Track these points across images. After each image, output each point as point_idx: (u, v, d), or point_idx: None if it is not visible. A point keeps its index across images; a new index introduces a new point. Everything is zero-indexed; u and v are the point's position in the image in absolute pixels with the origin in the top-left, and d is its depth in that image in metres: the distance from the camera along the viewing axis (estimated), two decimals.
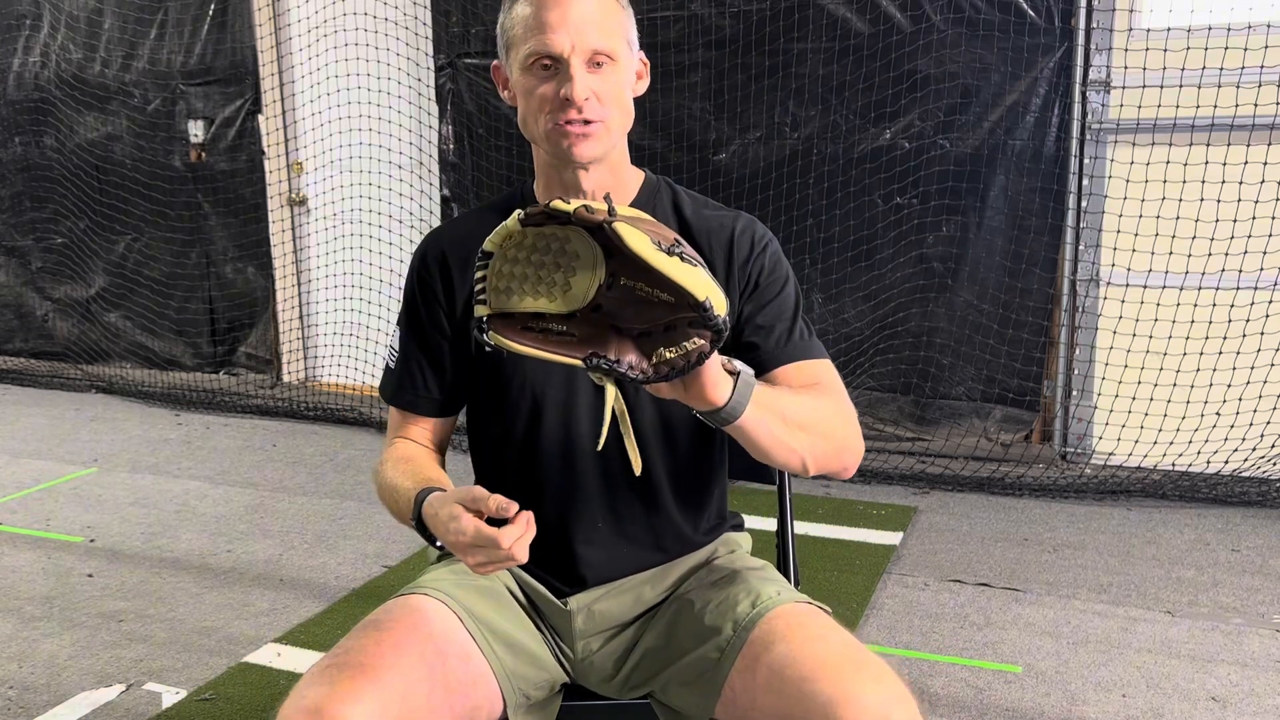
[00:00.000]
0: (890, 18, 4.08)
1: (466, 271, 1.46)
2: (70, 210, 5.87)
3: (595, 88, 1.34)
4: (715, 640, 1.35)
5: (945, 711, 2.40)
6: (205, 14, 5.35)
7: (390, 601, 1.40)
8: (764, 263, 1.44)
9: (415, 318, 1.50)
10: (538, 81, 1.36)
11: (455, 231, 1.51)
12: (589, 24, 1.33)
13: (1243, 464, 3.79)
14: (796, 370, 1.40)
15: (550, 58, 1.34)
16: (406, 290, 1.52)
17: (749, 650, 1.30)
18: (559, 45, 1.32)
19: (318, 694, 1.19)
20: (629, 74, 1.40)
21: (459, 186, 4.96)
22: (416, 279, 1.50)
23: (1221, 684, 2.51)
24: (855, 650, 1.24)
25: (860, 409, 4.36)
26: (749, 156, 4.38)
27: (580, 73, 1.33)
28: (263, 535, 3.55)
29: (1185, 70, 3.68)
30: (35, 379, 5.84)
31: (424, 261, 1.50)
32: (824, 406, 1.35)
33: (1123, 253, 3.88)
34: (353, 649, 1.26)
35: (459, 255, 1.47)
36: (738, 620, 1.34)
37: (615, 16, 1.37)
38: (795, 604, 1.36)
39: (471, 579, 1.45)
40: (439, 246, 1.50)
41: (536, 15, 1.34)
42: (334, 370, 5.39)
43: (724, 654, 1.33)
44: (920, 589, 3.06)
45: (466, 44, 4.82)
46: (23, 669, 2.67)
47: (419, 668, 1.27)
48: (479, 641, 1.36)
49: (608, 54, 1.35)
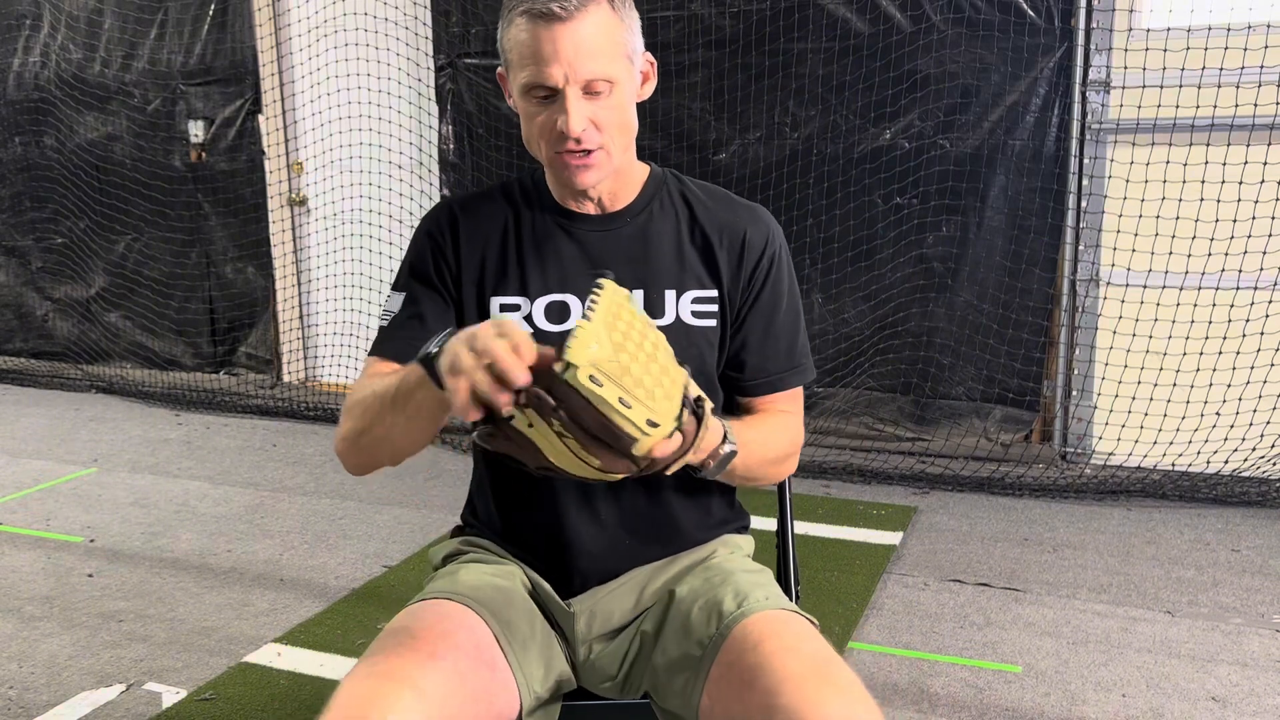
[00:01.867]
0: (890, 18, 4.08)
1: (474, 246, 1.46)
2: (70, 210, 5.87)
3: (593, 115, 1.33)
4: (699, 635, 1.35)
5: (945, 711, 2.40)
6: (205, 14, 5.35)
7: (416, 606, 1.37)
8: (768, 271, 1.47)
9: (423, 274, 1.46)
10: (536, 109, 1.35)
11: (470, 206, 1.50)
12: (584, 52, 1.30)
13: (1243, 464, 3.79)
14: (772, 399, 1.51)
15: (545, 89, 1.32)
16: (415, 249, 1.49)
17: (725, 653, 1.30)
18: (554, 78, 1.30)
19: (361, 706, 1.17)
20: (630, 91, 1.38)
21: (459, 186, 4.96)
22: (428, 239, 1.48)
23: (1221, 684, 2.51)
24: (824, 663, 1.23)
25: (860, 409, 4.37)
26: (749, 156, 4.38)
27: (576, 104, 1.31)
28: (263, 535, 3.55)
29: (1185, 70, 3.68)
30: (35, 379, 5.84)
31: (438, 223, 1.48)
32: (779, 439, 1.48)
33: (1123, 253, 3.88)
34: (389, 659, 1.23)
35: (471, 230, 1.47)
36: (721, 618, 1.34)
37: (613, 36, 1.33)
38: (778, 611, 1.34)
39: (492, 579, 1.43)
40: (452, 213, 1.49)
41: (531, 45, 1.31)
42: (334, 370, 5.39)
43: (705, 651, 1.32)
44: (920, 589, 3.06)
45: (466, 44, 4.82)
46: (23, 669, 2.67)
47: (453, 678, 1.25)
48: (504, 648, 1.35)
49: (606, 79, 1.32)
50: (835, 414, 4.36)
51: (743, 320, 1.47)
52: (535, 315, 1.44)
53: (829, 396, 4.37)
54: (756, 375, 1.49)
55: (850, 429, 4.34)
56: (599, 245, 1.46)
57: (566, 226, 1.47)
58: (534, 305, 1.44)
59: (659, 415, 1.06)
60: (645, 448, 1.07)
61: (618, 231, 1.47)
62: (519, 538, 1.50)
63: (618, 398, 1.02)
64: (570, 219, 1.47)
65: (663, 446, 1.09)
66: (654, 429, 1.06)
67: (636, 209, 1.48)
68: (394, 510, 3.75)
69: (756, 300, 1.47)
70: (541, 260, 1.45)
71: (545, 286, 1.45)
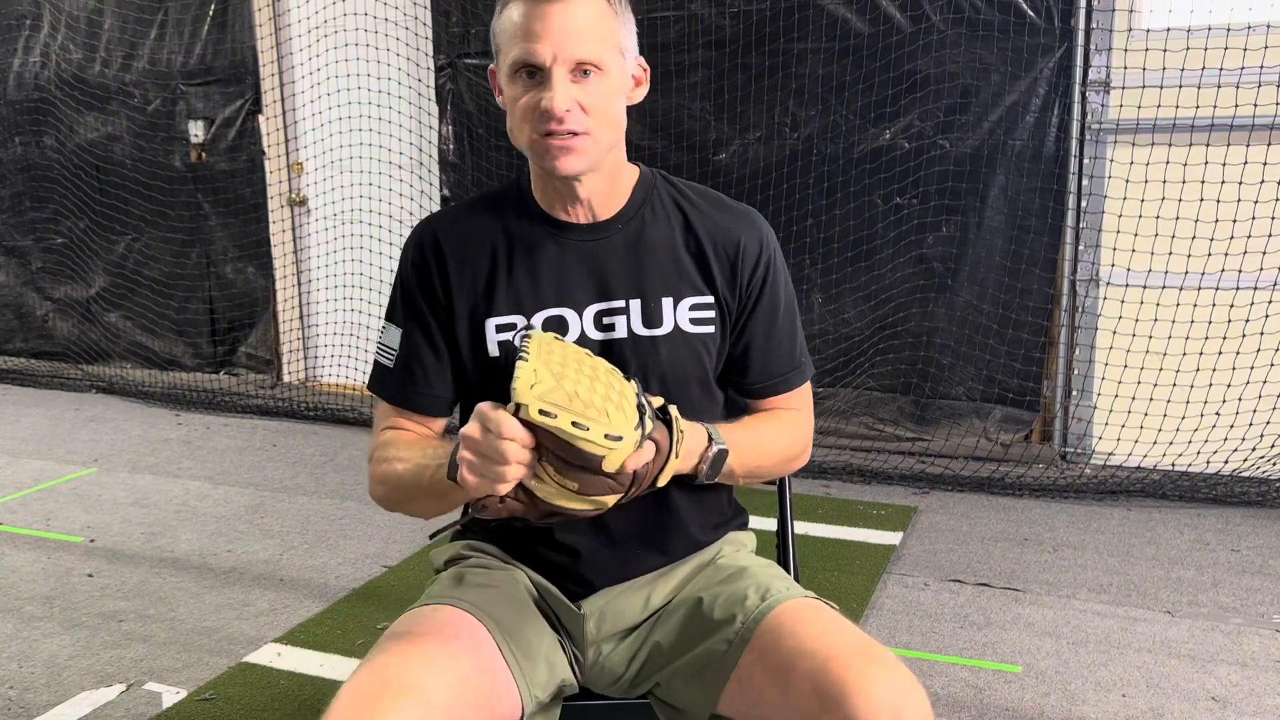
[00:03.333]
0: (890, 18, 4.08)
1: (463, 270, 1.43)
2: (70, 210, 5.87)
3: (580, 98, 1.31)
4: (723, 633, 1.35)
5: (945, 711, 2.40)
6: (205, 14, 5.35)
7: (418, 611, 1.37)
8: (764, 278, 1.46)
9: (415, 309, 1.44)
10: (521, 90, 1.32)
11: (452, 227, 1.46)
12: (575, 33, 1.29)
13: (1243, 464, 3.79)
14: (774, 401, 1.50)
15: (533, 66, 1.30)
16: (402, 282, 1.46)
17: (757, 643, 1.31)
18: (541, 54, 1.29)
19: (362, 712, 1.17)
20: (620, 83, 1.36)
21: (459, 186, 4.96)
22: (414, 271, 1.45)
23: (1221, 684, 2.51)
24: (866, 643, 1.25)
25: (860, 409, 4.37)
26: (749, 156, 4.38)
27: (562, 83, 1.30)
28: (263, 535, 3.55)
29: (1185, 70, 3.68)
30: (35, 379, 5.84)
31: (421, 253, 1.45)
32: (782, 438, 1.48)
33: (1123, 253, 3.88)
34: (391, 665, 1.23)
35: (457, 253, 1.43)
36: (747, 613, 1.34)
37: (606, 24, 1.33)
38: (804, 598, 1.37)
39: (494, 585, 1.43)
40: (435, 239, 1.45)
41: (522, 23, 1.30)
42: (334, 370, 5.39)
43: (732, 646, 1.33)
44: (920, 589, 3.06)
45: (466, 44, 4.83)
46: (23, 669, 2.67)
47: (454, 684, 1.25)
48: (505, 654, 1.35)
49: (594, 63, 1.31)
50: (835, 414, 4.36)
51: (743, 326, 1.46)
52: None
53: (829, 396, 4.36)
54: (762, 379, 1.48)
55: (850, 429, 4.34)
56: (592, 254, 1.43)
57: (557, 237, 1.43)
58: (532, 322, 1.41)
59: (617, 428, 1.11)
60: (614, 463, 1.12)
61: (610, 240, 1.44)
62: (523, 544, 1.50)
63: (571, 422, 1.10)
64: (560, 229, 1.43)
65: (635, 458, 1.14)
66: (616, 443, 1.11)
67: (628, 215, 1.45)
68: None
69: (756, 306, 1.46)
70: (534, 275, 1.42)
71: (540, 302, 1.41)
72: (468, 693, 1.27)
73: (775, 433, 1.47)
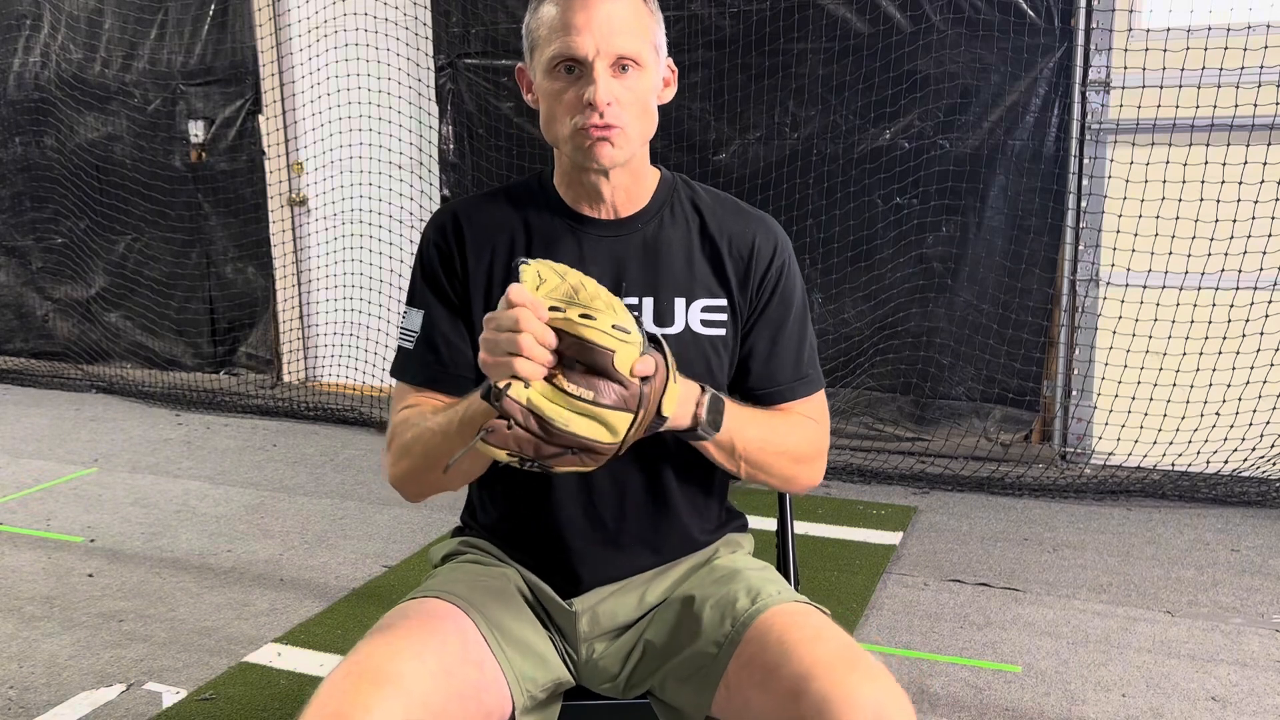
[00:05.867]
0: (890, 18, 4.08)
1: (482, 255, 1.44)
2: (70, 210, 5.87)
3: (619, 93, 1.32)
4: (713, 635, 1.35)
5: (945, 711, 2.40)
6: (205, 14, 5.35)
7: (405, 604, 1.38)
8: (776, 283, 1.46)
9: (438, 288, 1.44)
10: (561, 85, 1.33)
11: (474, 213, 1.46)
12: (615, 27, 1.31)
13: (1243, 464, 3.79)
14: (785, 408, 1.48)
15: (574, 60, 1.31)
16: (423, 264, 1.46)
17: (745, 648, 1.31)
18: (583, 48, 1.30)
19: (341, 703, 1.17)
20: (655, 80, 1.38)
21: (459, 186, 4.96)
22: (436, 251, 1.45)
23: (1221, 684, 2.51)
24: (851, 650, 1.24)
25: (860, 409, 4.37)
26: (749, 156, 4.38)
27: (604, 77, 1.31)
28: (263, 535, 3.55)
29: (1185, 70, 3.68)
30: (35, 379, 5.84)
31: (443, 234, 1.45)
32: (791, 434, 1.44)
33: (1122, 253, 3.88)
34: (373, 655, 1.23)
35: (477, 239, 1.44)
36: (736, 616, 1.34)
37: (643, 21, 1.35)
38: (794, 603, 1.36)
39: (484, 580, 1.44)
40: (456, 222, 1.45)
41: (562, 17, 1.31)
42: (334, 370, 5.39)
43: (721, 649, 1.33)
44: (920, 589, 3.06)
45: (466, 44, 4.83)
46: (23, 669, 2.67)
47: (438, 675, 1.25)
48: (492, 646, 1.35)
49: (633, 59, 1.33)
50: (835, 414, 4.36)
51: (750, 330, 1.46)
52: None
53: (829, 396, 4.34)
54: (764, 384, 1.48)
55: (850, 429, 4.34)
56: (609, 251, 1.43)
57: (576, 231, 1.44)
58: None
59: (623, 321, 1.14)
60: (625, 360, 1.12)
61: (628, 238, 1.44)
62: (519, 542, 1.50)
63: (579, 314, 1.12)
64: (580, 223, 1.44)
65: (642, 363, 1.13)
66: (625, 335, 1.13)
67: (648, 215, 1.46)
68: (394, 510, 3.75)
69: (764, 310, 1.46)
70: None
71: None
72: (452, 684, 1.26)
73: (781, 423, 1.45)
